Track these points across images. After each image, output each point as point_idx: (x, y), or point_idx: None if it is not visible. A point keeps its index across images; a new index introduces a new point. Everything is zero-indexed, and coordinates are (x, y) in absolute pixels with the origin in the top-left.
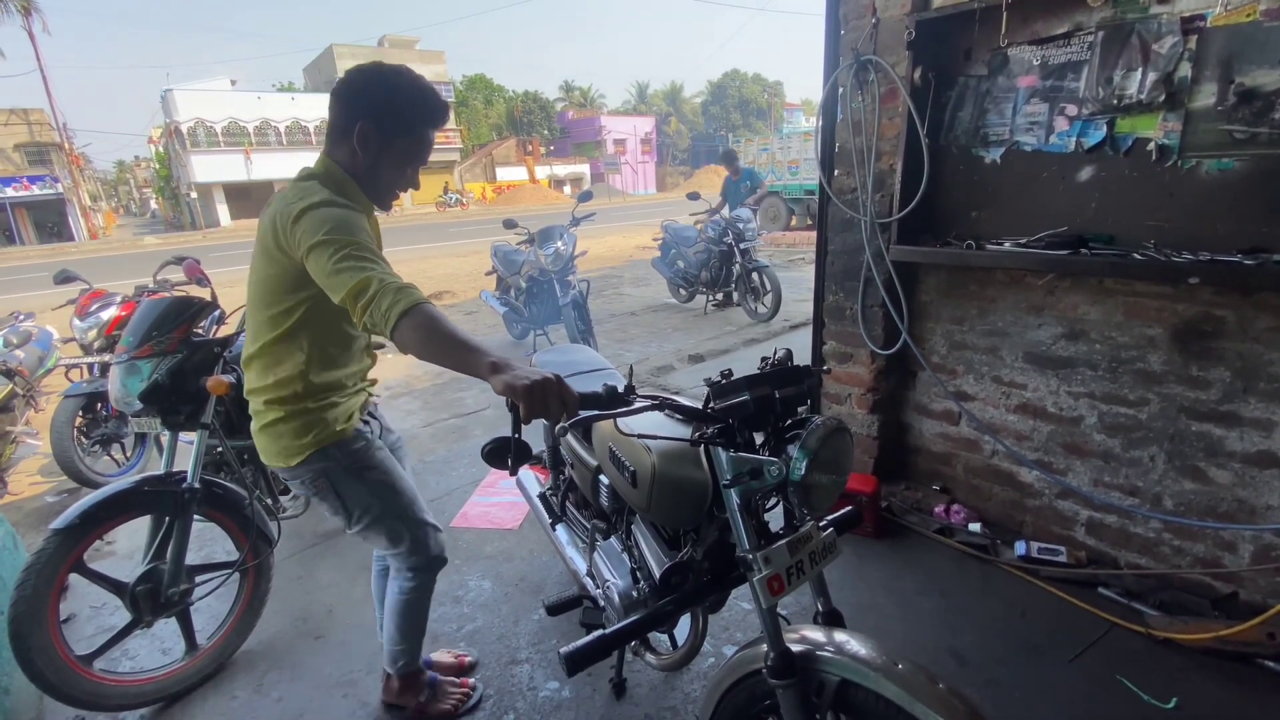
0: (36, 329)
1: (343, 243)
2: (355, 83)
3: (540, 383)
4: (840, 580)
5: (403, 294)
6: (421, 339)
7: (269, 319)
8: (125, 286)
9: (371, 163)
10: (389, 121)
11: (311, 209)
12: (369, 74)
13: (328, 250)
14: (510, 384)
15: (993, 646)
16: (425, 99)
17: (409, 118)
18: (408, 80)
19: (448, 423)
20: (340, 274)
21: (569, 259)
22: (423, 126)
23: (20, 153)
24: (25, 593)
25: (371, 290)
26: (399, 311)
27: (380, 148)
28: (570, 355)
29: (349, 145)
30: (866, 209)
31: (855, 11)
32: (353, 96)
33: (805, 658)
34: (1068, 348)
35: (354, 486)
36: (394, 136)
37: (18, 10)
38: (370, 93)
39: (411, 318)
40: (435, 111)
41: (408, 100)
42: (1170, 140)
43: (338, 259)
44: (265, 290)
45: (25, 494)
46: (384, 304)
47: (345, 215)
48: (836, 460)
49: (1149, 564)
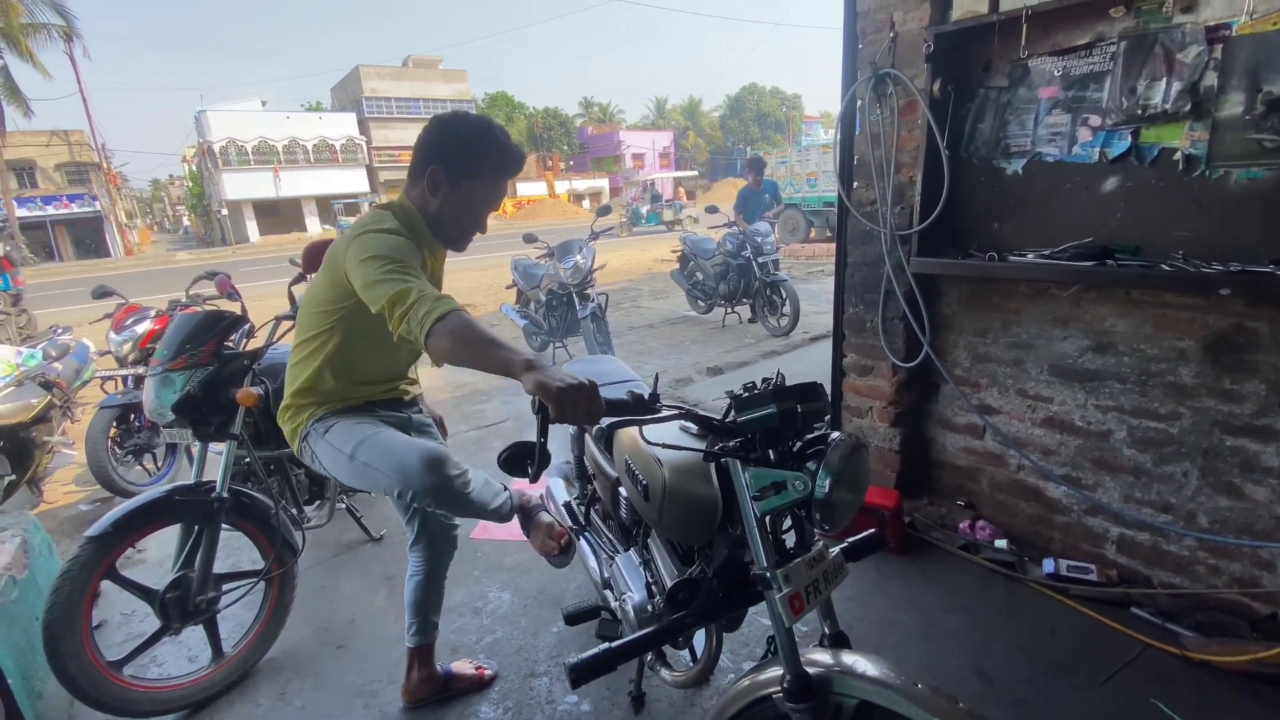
0: (74, 342)
1: (388, 259)
2: (435, 129)
3: (574, 386)
4: (861, 596)
5: (439, 303)
6: (454, 343)
7: (305, 323)
8: (159, 301)
9: (440, 204)
10: (458, 167)
11: (372, 233)
12: (448, 122)
13: (373, 265)
14: (543, 383)
15: (1020, 667)
16: (499, 150)
17: (479, 165)
18: (485, 132)
19: (466, 435)
20: (381, 284)
21: (588, 272)
22: (494, 174)
23: (61, 172)
24: (60, 598)
25: (410, 299)
26: (434, 318)
27: (450, 190)
28: (599, 366)
29: (421, 186)
30: (886, 221)
31: (873, 26)
32: (431, 142)
33: (822, 680)
34: (1095, 360)
35: (324, 450)
36: (462, 180)
37: (60, 36)
38: (445, 140)
39: (445, 323)
40: (509, 162)
41: (482, 150)
42: (1197, 150)
43: (381, 272)
44: (312, 296)
45: (60, 502)
46: (420, 311)
47: (399, 242)
48: (856, 478)
49: (1184, 583)
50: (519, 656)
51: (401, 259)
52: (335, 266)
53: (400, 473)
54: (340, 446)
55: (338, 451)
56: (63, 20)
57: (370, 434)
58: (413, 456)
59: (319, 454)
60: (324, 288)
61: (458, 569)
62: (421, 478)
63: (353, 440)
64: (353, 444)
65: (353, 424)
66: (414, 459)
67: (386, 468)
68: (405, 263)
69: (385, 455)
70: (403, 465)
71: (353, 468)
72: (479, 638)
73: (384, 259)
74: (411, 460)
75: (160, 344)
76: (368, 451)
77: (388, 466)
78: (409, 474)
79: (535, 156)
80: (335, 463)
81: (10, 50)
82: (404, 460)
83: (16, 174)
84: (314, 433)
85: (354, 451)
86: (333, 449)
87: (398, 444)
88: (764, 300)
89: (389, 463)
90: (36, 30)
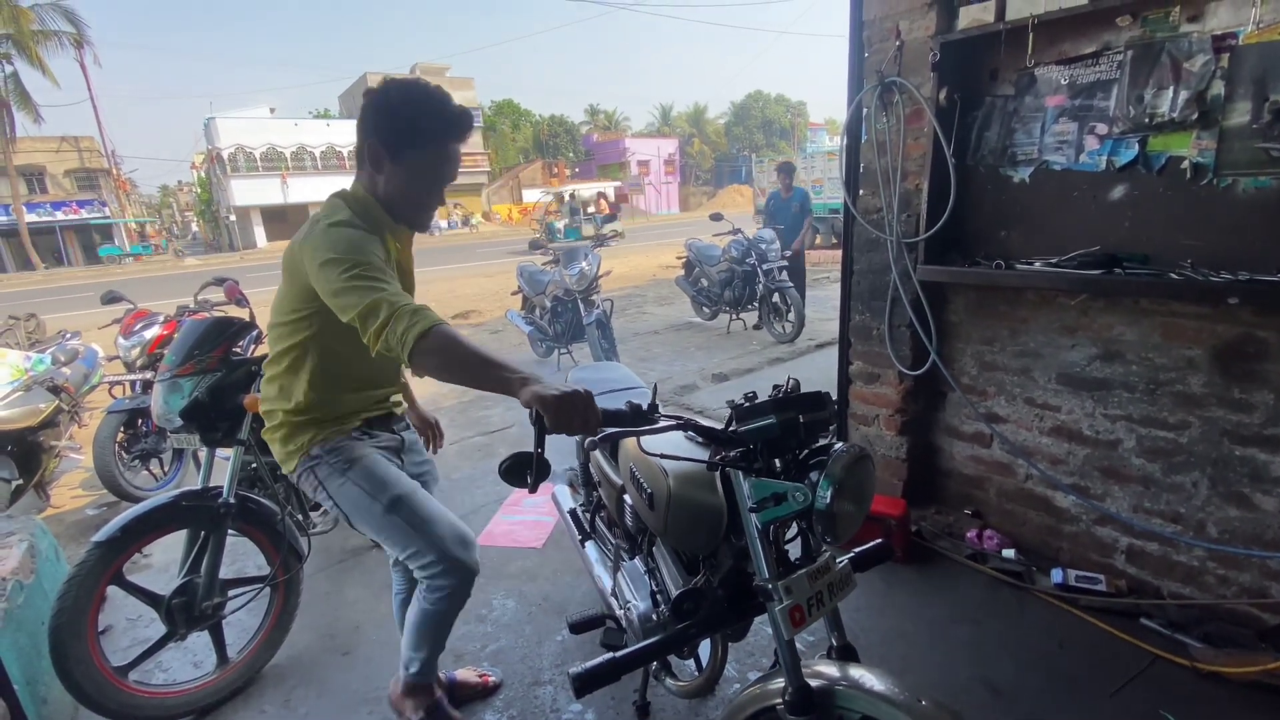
0: (83, 347)
1: (349, 262)
2: (365, 101)
3: (569, 395)
4: (868, 606)
5: (418, 317)
6: (442, 361)
7: (277, 334)
8: (168, 306)
9: (386, 182)
10: (395, 139)
11: (326, 228)
12: (378, 92)
13: (334, 270)
14: (539, 395)
15: (1029, 678)
16: (435, 113)
17: (416, 134)
18: (418, 96)
19: (472, 440)
20: (348, 293)
21: (593, 279)
22: (437, 140)
23: (70, 178)
24: (66, 604)
25: (383, 314)
26: (416, 334)
27: (394, 166)
28: (604, 373)
29: (364, 166)
30: (892, 228)
31: (879, 34)
32: (363, 116)
33: (824, 693)
34: (1103, 369)
35: (338, 484)
36: (403, 152)
37: (71, 43)
38: (377, 112)
39: (429, 340)
40: (450, 125)
41: (415, 116)
42: (1205, 159)
43: (344, 279)
44: (278, 304)
45: (66, 507)
46: (399, 328)
47: (355, 236)
48: (860, 488)
49: (1193, 594)
50: (523, 665)
51: (362, 259)
52: (295, 267)
53: (437, 546)
54: (371, 491)
55: (367, 497)
56: (73, 27)
57: (409, 490)
58: (454, 532)
59: (331, 487)
60: (289, 292)
61: None
62: (455, 554)
63: (389, 491)
64: (389, 496)
65: (380, 467)
66: (454, 534)
67: (425, 534)
68: (368, 264)
69: (427, 523)
70: (442, 538)
71: (384, 520)
72: (483, 645)
73: (344, 262)
74: (452, 535)
75: (169, 349)
76: (408, 511)
77: (428, 533)
78: (445, 549)
79: (541, 163)
80: (358, 505)
81: (20, 56)
82: (445, 533)
83: (26, 180)
84: (325, 463)
85: (391, 505)
86: (359, 492)
87: (438, 515)
88: (769, 307)
89: (430, 531)
90: (47, 37)
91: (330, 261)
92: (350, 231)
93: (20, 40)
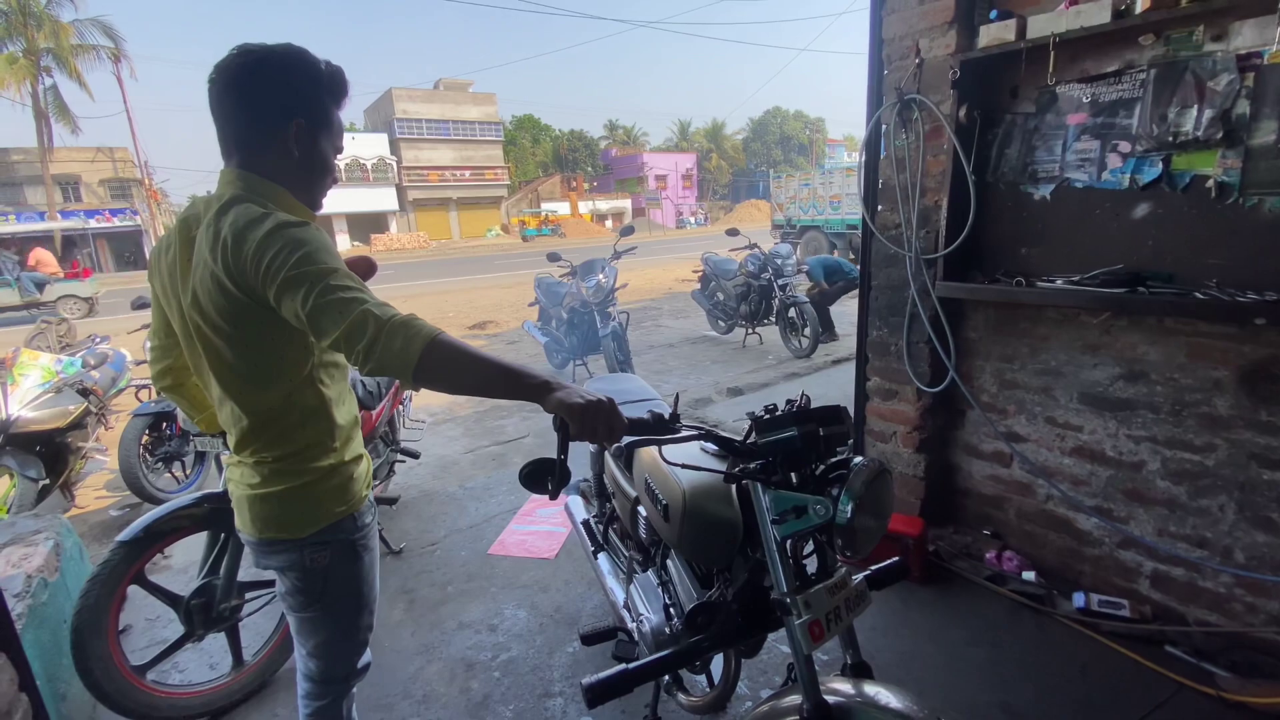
0: (112, 351)
1: (315, 274)
2: (265, 73)
3: (595, 404)
4: (884, 626)
5: (413, 329)
6: (453, 372)
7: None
8: None
9: (303, 162)
10: (316, 111)
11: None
12: (276, 61)
13: (301, 288)
14: (565, 401)
15: (1049, 704)
16: (333, 76)
17: (324, 100)
18: (312, 59)
19: (488, 449)
20: (324, 313)
21: (609, 291)
22: (336, 107)
23: (105, 187)
24: (89, 602)
25: (370, 331)
26: (419, 348)
27: (313, 143)
28: (620, 384)
29: (277, 149)
30: (911, 245)
31: (899, 52)
32: (273, 91)
33: (841, 711)
34: (1126, 389)
35: (346, 569)
36: (320, 128)
37: (109, 57)
38: (296, 83)
39: (435, 352)
40: (341, 87)
41: (313, 81)
42: (1230, 177)
43: (316, 294)
44: (239, 371)
45: (90, 507)
46: (395, 344)
47: (306, 235)
48: (880, 503)
49: (1220, 621)
50: (534, 675)
51: (326, 265)
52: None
53: (352, 654)
54: (369, 578)
55: (367, 585)
56: (111, 42)
57: (373, 585)
58: (365, 650)
59: (341, 567)
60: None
61: (474, 584)
62: (355, 672)
63: (364, 589)
64: (358, 597)
65: (372, 562)
66: (364, 653)
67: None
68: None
69: (363, 629)
70: (356, 651)
71: (351, 640)
72: (494, 655)
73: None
74: (364, 653)
75: None
76: (364, 607)
77: (353, 641)
78: (349, 660)
79: (560, 177)
80: (344, 584)
81: (60, 70)
82: (359, 649)
83: (61, 188)
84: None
85: (369, 627)
86: (363, 574)
87: (370, 621)
88: (785, 321)
89: (358, 637)
90: (85, 51)
91: (291, 281)
92: (296, 232)
93: (60, 54)
